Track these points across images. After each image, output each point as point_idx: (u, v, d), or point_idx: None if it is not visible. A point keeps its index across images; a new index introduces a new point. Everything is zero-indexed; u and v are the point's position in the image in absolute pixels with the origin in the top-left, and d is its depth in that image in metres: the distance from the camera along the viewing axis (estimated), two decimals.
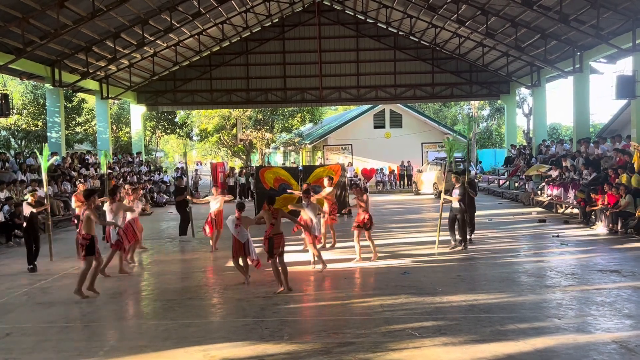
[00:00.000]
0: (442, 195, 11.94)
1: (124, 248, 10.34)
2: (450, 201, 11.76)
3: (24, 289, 9.26)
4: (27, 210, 11.05)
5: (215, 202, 12.46)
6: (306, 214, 10.08)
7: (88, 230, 8.48)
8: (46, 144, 13.50)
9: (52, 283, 9.66)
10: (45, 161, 11.85)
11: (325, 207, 12.27)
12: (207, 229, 12.25)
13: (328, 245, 12.27)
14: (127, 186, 13.43)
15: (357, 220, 10.73)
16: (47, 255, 11.62)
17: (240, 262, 9.19)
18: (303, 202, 10.36)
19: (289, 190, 15.39)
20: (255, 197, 17.20)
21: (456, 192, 11.73)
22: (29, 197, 11.28)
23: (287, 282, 8.50)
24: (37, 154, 12.51)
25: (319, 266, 9.99)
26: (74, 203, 11.97)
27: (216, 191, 12.83)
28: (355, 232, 10.69)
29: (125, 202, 11.02)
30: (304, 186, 12.69)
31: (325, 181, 13.08)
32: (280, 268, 8.47)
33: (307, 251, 10.53)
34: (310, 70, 27.73)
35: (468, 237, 12.12)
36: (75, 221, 11.81)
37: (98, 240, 8.78)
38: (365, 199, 10.74)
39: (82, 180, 17.35)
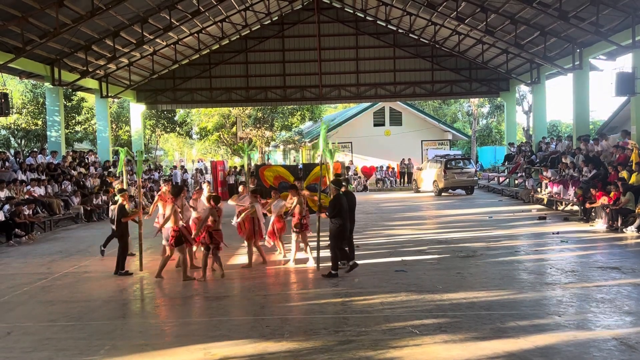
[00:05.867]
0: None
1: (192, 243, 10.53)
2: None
3: (25, 287, 9.26)
4: (118, 213, 10.02)
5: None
6: (255, 214, 10.26)
7: (175, 223, 9.29)
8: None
9: (52, 282, 9.67)
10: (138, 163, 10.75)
11: None
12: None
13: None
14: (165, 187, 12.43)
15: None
16: (52, 253, 11.58)
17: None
18: (251, 201, 10.36)
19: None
20: None
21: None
22: (119, 198, 10.14)
23: (222, 269, 9.60)
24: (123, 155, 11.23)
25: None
26: (159, 203, 11.12)
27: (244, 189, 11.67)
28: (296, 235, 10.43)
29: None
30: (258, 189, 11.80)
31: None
32: (213, 259, 9.55)
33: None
34: (310, 68, 27.70)
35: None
36: (160, 221, 11.18)
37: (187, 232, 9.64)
38: (294, 201, 10.38)
39: (167, 179, 17.66)
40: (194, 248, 11.13)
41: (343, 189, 9.71)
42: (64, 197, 18.15)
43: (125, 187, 10.98)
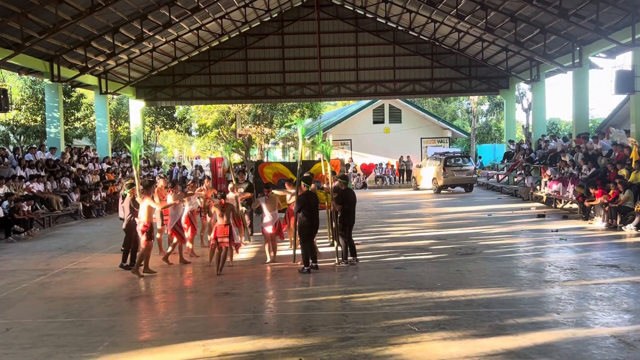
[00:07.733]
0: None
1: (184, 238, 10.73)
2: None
3: (24, 284, 9.26)
4: (127, 209, 9.91)
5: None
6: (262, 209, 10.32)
7: (149, 218, 9.33)
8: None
9: (51, 278, 9.67)
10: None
11: None
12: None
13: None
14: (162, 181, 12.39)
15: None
16: (51, 250, 11.59)
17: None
18: (259, 196, 10.44)
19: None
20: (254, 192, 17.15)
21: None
22: (127, 193, 9.97)
23: (221, 267, 9.54)
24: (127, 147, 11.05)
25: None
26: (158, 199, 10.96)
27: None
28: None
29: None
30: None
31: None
32: (220, 253, 9.52)
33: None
34: (310, 65, 27.66)
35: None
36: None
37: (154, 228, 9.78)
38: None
39: (162, 176, 17.46)
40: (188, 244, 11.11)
41: (304, 189, 9.78)
42: (63, 194, 18.13)
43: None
